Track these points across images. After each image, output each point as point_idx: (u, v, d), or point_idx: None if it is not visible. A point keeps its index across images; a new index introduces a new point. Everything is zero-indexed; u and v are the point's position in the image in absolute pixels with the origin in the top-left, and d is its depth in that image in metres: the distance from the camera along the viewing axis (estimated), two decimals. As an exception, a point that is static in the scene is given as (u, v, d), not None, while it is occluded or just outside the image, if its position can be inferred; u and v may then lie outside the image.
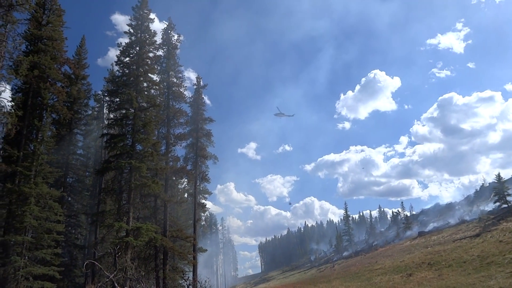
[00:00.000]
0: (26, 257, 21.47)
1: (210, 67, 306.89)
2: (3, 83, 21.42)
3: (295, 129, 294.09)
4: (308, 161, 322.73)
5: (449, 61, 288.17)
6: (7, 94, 25.82)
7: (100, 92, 37.89)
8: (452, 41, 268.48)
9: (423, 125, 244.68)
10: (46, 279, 22.34)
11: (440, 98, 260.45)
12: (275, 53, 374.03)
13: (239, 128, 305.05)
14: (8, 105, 22.43)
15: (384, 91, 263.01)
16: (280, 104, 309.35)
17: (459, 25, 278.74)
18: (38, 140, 24.71)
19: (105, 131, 29.98)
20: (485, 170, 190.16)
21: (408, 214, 77.59)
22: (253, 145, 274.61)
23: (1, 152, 27.98)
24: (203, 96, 41.53)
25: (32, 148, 25.34)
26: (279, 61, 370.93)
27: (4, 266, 20.61)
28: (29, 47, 27.90)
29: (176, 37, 36.70)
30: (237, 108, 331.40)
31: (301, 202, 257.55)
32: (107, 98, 36.55)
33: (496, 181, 40.80)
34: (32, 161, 23.28)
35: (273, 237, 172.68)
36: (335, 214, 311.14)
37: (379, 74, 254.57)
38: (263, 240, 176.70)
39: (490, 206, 44.06)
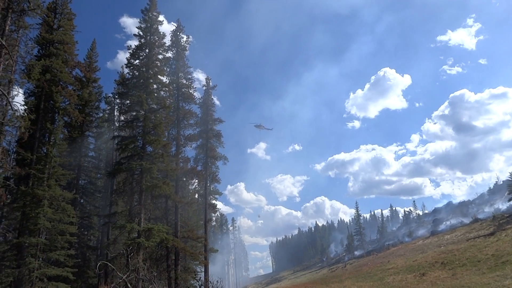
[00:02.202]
0: (41, 259, 21.77)
1: (219, 67, 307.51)
2: (16, 87, 21.79)
3: (304, 129, 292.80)
4: (318, 160, 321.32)
5: (460, 58, 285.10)
6: (20, 98, 26.25)
7: (111, 95, 38.30)
8: (463, 37, 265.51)
9: (435, 123, 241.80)
10: (60, 280, 22.62)
11: (451, 95, 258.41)
12: (283, 54, 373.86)
13: (248, 128, 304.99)
14: (21, 109, 22.73)
15: (394, 89, 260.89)
16: (287, 105, 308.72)
17: (470, 21, 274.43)
18: (51, 143, 25.02)
19: (116, 133, 30.29)
20: (499, 168, 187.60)
21: (421, 213, 77.01)
22: (262, 145, 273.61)
23: (15, 155, 28.45)
24: (212, 97, 41.69)
25: (45, 151, 25.69)
26: (287, 62, 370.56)
27: (19, 268, 20.93)
28: (40, 51, 28.34)
29: (185, 38, 36.91)
30: (246, 108, 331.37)
31: (312, 202, 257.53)
32: (117, 101, 36.99)
33: (510, 178, 40.15)
34: (45, 164, 23.59)
35: (284, 237, 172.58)
36: (346, 214, 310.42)
37: (389, 72, 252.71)
38: (274, 240, 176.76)
39: (504, 205, 43.41)
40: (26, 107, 24.92)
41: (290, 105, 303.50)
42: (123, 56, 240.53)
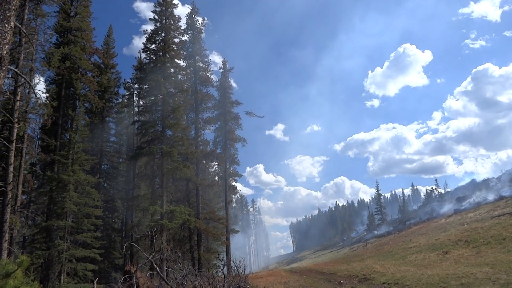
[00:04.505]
0: (68, 241, 22.55)
1: (235, 49, 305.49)
2: (37, 76, 22.18)
3: (322, 109, 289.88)
4: (337, 140, 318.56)
5: (484, 31, 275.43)
6: (42, 86, 26.82)
7: (129, 80, 38.63)
8: (487, 8, 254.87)
9: (457, 100, 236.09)
10: (88, 261, 23.46)
11: (474, 70, 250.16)
12: (300, 32, 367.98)
13: (266, 110, 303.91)
14: (43, 97, 23.27)
15: (415, 66, 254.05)
16: (305, 84, 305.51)
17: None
18: (73, 129, 25.56)
19: (136, 118, 30.65)
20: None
21: (443, 191, 75.85)
22: (280, 126, 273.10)
23: (40, 142, 29.24)
24: (229, 79, 41.59)
25: (68, 137, 26.31)
26: (303, 41, 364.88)
27: (49, 250, 21.74)
28: (59, 39, 28.68)
29: (200, 21, 36.72)
30: (263, 90, 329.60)
31: (332, 182, 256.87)
32: (136, 86, 37.26)
33: (537, 154, 39.02)
34: (69, 150, 24.17)
35: (304, 217, 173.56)
36: (366, 193, 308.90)
37: (409, 48, 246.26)
38: (294, 220, 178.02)
39: (530, 181, 42.30)
40: (47, 94, 25.47)
41: (308, 85, 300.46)
42: (138, 42, 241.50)
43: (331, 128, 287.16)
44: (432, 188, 78.77)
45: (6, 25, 4.47)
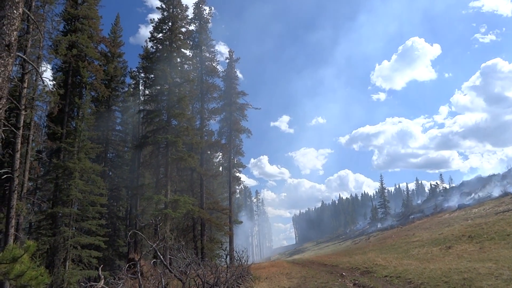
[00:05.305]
0: (74, 228, 22.80)
1: (240, 39, 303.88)
2: (45, 63, 22.24)
3: (328, 102, 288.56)
4: (342, 133, 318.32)
5: (494, 25, 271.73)
6: (49, 74, 26.92)
7: (135, 69, 38.65)
8: (498, 1, 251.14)
9: (465, 94, 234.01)
10: (93, 248, 23.72)
11: (483, 65, 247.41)
12: (306, 23, 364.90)
13: (271, 102, 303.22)
14: (50, 84, 23.37)
15: (423, 59, 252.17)
16: (311, 77, 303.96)
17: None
18: (79, 117, 25.67)
19: (141, 107, 30.73)
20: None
21: (447, 186, 75.52)
22: (285, 118, 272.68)
23: (46, 129, 29.41)
24: (235, 70, 41.47)
25: (74, 125, 26.45)
26: (310, 32, 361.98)
27: (55, 236, 22.01)
28: (66, 26, 28.68)
29: (207, 10, 36.58)
30: (269, 82, 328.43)
31: (335, 175, 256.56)
32: (142, 75, 37.28)
33: (544, 151, 38.70)
34: (75, 138, 24.31)
35: (307, 209, 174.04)
36: (370, 187, 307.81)
37: (417, 42, 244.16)
38: (297, 212, 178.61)
39: (536, 178, 42.00)
40: (54, 82, 25.56)
41: (313, 79, 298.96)
42: (145, 31, 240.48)
43: (336, 121, 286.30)
44: (436, 183, 78.51)
45: (15, 11, 4.47)
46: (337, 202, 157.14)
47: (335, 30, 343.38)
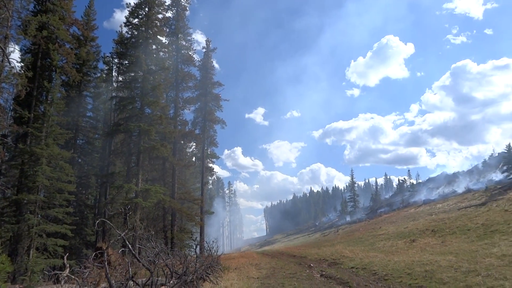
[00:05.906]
0: (39, 216, 22.14)
1: (219, 29, 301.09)
2: (12, 44, 21.34)
3: (303, 95, 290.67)
4: (316, 127, 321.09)
5: (466, 27, 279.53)
6: (17, 55, 25.86)
7: (109, 55, 37.62)
8: (471, 5, 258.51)
9: (435, 94, 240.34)
10: (59, 237, 23.13)
11: (453, 65, 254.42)
12: (286, 16, 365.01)
13: (247, 93, 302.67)
14: (18, 66, 22.42)
15: (397, 58, 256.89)
16: (288, 70, 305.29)
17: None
18: (48, 101, 24.85)
19: (114, 94, 30.06)
20: (495, 140, 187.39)
21: (415, 182, 77.91)
22: (261, 110, 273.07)
23: (12, 113, 28.31)
24: (212, 59, 41.09)
25: (43, 109, 25.58)
26: (288, 26, 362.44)
27: (19, 224, 21.34)
28: (37, 6, 27.57)
29: (185, -3, 35.86)
30: (245, 73, 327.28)
31: (308, 168, 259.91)
32: (116, 61, 36.38)
33: (506, 151, 40.46)
34: (43, 123, 23.55)
35: (279, 201, 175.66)
36: (341, 181, 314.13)
37: (392, 40, 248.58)
38: (269, 204, 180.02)
39: (498, 176, 43.95)
40: (22, 64, 24.56)
41: (290, 71, 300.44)
42: (120, 15, 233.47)
43: (311, 115, 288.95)
44: (404, 178, 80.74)
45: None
46: (308, 195, 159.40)
47: (320, 18, 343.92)
